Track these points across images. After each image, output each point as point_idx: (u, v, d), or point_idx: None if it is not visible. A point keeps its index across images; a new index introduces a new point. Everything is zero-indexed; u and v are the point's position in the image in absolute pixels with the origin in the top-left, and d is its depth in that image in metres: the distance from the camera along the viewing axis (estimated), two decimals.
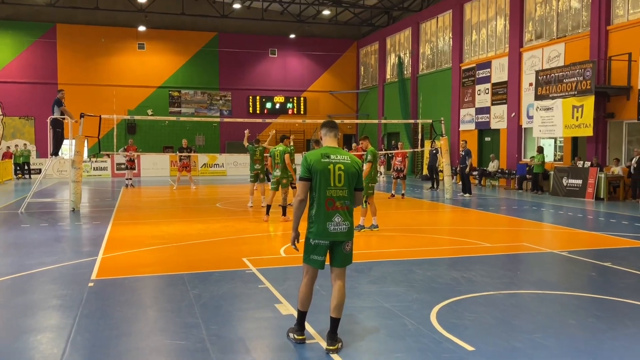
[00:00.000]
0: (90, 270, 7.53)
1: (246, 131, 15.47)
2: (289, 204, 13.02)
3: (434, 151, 20.85)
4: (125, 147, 22.71)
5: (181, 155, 20.87)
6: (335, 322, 4.68)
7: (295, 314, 5.21)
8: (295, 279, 7.03)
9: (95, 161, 28.62)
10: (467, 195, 17.93)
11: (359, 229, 10.59)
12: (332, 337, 4.67)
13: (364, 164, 10.98)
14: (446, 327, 5.18)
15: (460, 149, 19.11)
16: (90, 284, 6.79)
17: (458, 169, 19.24)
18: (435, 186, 20.65)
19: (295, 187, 13.13)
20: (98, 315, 5.61)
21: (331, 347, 4.63)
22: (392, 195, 17.39)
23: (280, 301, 6.04)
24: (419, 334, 5.03)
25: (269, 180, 18.59)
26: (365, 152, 11.05)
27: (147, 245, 9.39)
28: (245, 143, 15.16)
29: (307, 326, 4.99)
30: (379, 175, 28.00)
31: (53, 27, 30.93)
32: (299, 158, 17.75)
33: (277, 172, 12.36)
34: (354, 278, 7.06)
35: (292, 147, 12.31)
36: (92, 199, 17.86)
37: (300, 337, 4.80)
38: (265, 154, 15.69)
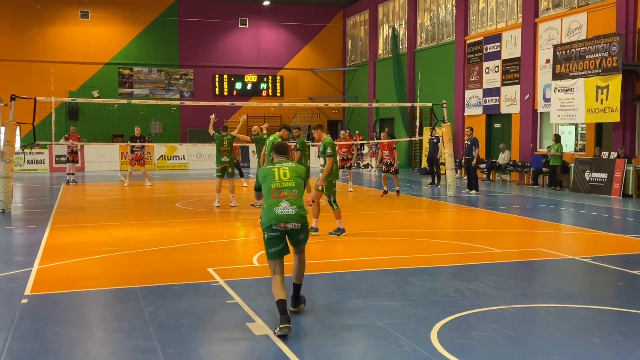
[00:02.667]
0: (23, 283, 7.45)
1: (212, 116, 15.42)
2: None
3: (434, 140, 20.96)
4: (66, 135, 22.47)
5: (133, 146, 20.73)
6: (297, 288, 6.15)
7: (271, 333, 5.43)
8: (271, 293, 7.02)
9: (30, 153, 28.25)
10: (474, 192, 18.07)
11: (339, 233, 10.67)
12: (296, 299, 6.12)
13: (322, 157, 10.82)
14: (449, 348, 5.20)
15: (466, 138, 19.23)
16: (24, 301, 6.72)
17: (463, 161, 19.38)
18: (435, 181, 20.78)
19: None
20: (32, 338, 5.55)
21: (294, 309, 6.08)
22: (385, 192, 17.46)
23: (252, 319, 6.03)
24: (417, 357, 5.05)
25: (241, 175, 18.47)
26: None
27: (92, 254, 9.31)
28: (211, 131, 15.11)
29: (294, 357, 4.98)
30: (371, 169, 28.14)
31: None
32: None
33: None
34: (340, 291, 7.08)
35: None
36: (26, 198, 17.67)
37: (284, 326, 5.38)
38: (234, 144, 15.60)
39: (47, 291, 7.22)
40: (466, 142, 19.07)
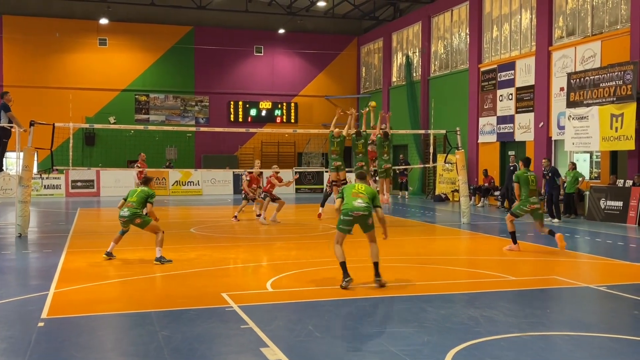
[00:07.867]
0: (40, 307, 7.51)
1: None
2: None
3: (512, 167, 20.73)
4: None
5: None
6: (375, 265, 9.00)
7: (285, 359, 5.32)
8: (285, 318, 7.06)
9: (47, 178, 28.54)
10: (556, 220, 17.86)
11: (163, 261, 10.59)
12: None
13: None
14: None
15: (544, 169, 18.72)
16: (40, 324, 6.77)
17: (543, 191, 18.76)
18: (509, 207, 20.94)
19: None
20: None
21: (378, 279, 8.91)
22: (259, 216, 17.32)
23: (266, 344, 6.05)
24: None
25: (252, 201, 18.51)
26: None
27: (107, 278, 9.38)
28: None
29: None
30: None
31: None
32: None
33: None
34: (354, 317, 7.09)
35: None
36: (43, 223, 17.82)
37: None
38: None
39: (63, 315, 7.28)
40: (545, 173, 18.63)
